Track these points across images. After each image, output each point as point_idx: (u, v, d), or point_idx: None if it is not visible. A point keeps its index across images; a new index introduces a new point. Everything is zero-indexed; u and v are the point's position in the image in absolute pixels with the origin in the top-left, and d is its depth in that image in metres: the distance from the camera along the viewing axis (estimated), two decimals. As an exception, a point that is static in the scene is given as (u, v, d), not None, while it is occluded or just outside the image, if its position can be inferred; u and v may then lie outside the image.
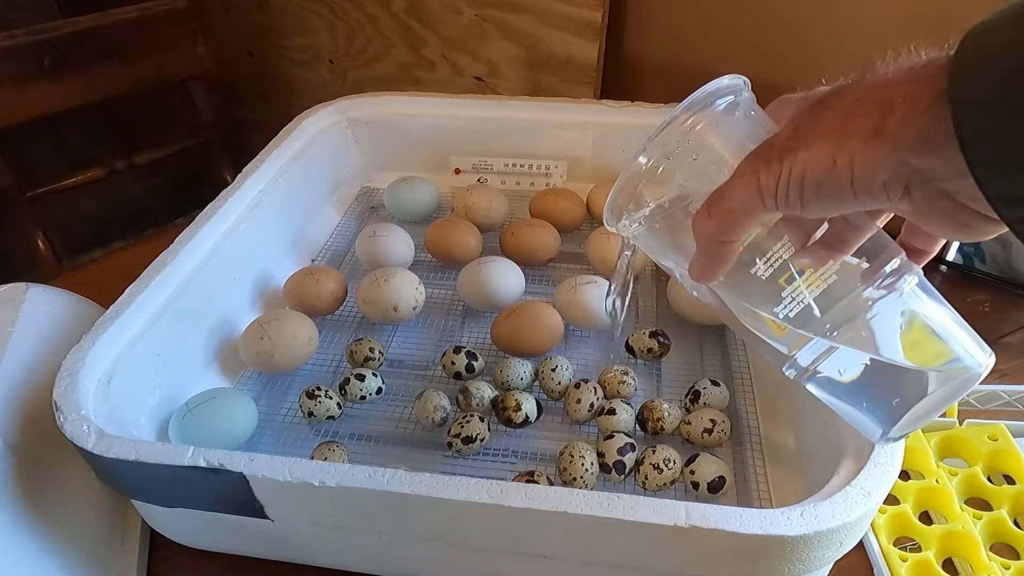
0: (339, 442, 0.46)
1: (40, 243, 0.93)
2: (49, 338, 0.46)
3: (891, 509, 0.44)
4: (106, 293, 0.46)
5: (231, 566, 0.43)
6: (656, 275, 0.61)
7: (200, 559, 0.43)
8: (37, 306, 0.48)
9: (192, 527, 0.42)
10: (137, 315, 0.45)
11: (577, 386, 0.47)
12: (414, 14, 0.98)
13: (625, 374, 0.48)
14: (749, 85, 0.30)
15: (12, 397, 0.42)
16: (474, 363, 0.50)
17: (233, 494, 0.35)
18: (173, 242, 0.50)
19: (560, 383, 0.48)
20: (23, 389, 0.43)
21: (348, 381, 0.48)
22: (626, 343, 0.52)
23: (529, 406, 0.46)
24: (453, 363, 0.50)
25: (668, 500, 0.32)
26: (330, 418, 0.48)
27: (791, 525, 0.31)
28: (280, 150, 0.63)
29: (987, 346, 0.27)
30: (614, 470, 0.42)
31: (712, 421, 0.45)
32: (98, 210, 1.23)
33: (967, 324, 0.28)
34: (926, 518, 0.45)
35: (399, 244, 0.61)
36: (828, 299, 0.28)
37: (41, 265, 0.93)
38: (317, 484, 0.33)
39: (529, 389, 0.49)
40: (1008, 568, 0.41)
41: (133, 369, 0.44)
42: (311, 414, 0.47)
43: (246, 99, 1.32)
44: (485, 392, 0.47)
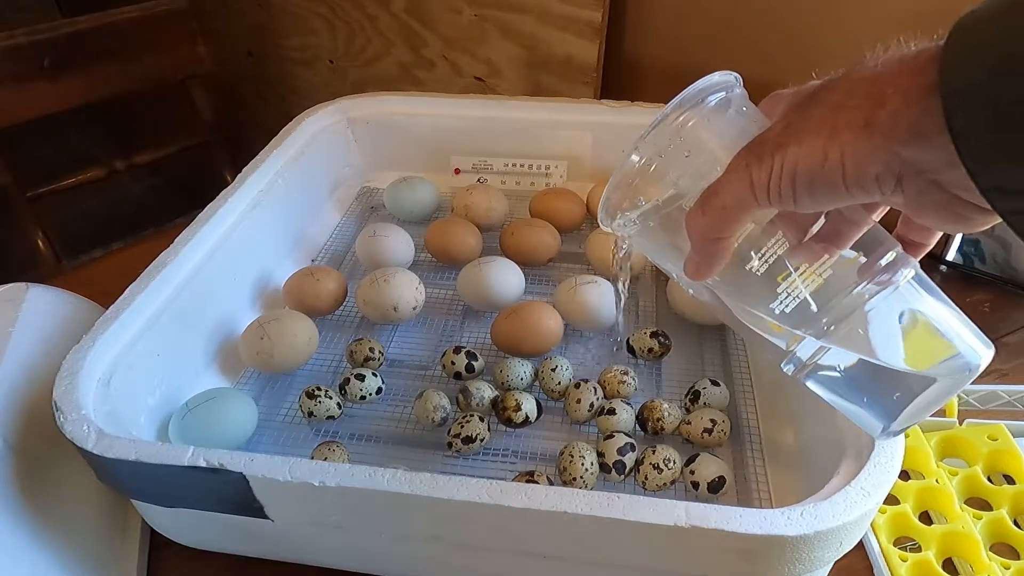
0: (339, 442, 0.46)
1: (40, 243, 0.93)
2: (49, 338, 0.46)
3: (891, 509, 0.44)
4: (106, 293, 0.46)
5: (231, 566, 0.43)
6: (656, 275, 0.61)
7: (200, 559, 0.43)
8: (37, 306, 0.48)
9: (192, 527, 0.42)
10: (137, 315, 0.45)
11: (577, 386, 0.47)
12: (414, 14, 0.98)
13: (625, 374, 0.48)
14: (741, 81, 0.30)
15: (12, 397, 0.42)
16: (474, 363, 0.50)
17: (233, 494, 0.35)
18: (173, 242, 0.50)
19: (560, 383, 0.48)
20: (23, 389, 0.43)
21: (348, 381, 0.48)
22: (627, 343, 0.53)
23: (529, 406, 0.46)
24: (453, 363, 0.50)
25: (668, 500, 0.32)
26: (330, 418, 0.48)
27: (791, 525, 0.31)
28: (280, 150, 0.63)
29: (986, 338, 0.27)
30: (614, 470, 0.42)
31: (712, 421, 0.45)
32: (98, 210, 1.23)
33: (966, 317, 0.28)
34: (926, 518, 0.45)
35: (399, 244, 0.61)
36: (824, 294, 0.28)
37: (41, 265, 0.94)
38: (317, 484, 0.33)
39: (529, 389, 0.49)
40: (1008, 568, 0.41)
41: (133, 369, 0.44)
42: (311, 414, 0.47)
43: (246, 99, 1.32)
44: (485, 392, 0.47)
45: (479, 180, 0.74)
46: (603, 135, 0.70)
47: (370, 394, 0.49)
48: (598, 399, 0.47)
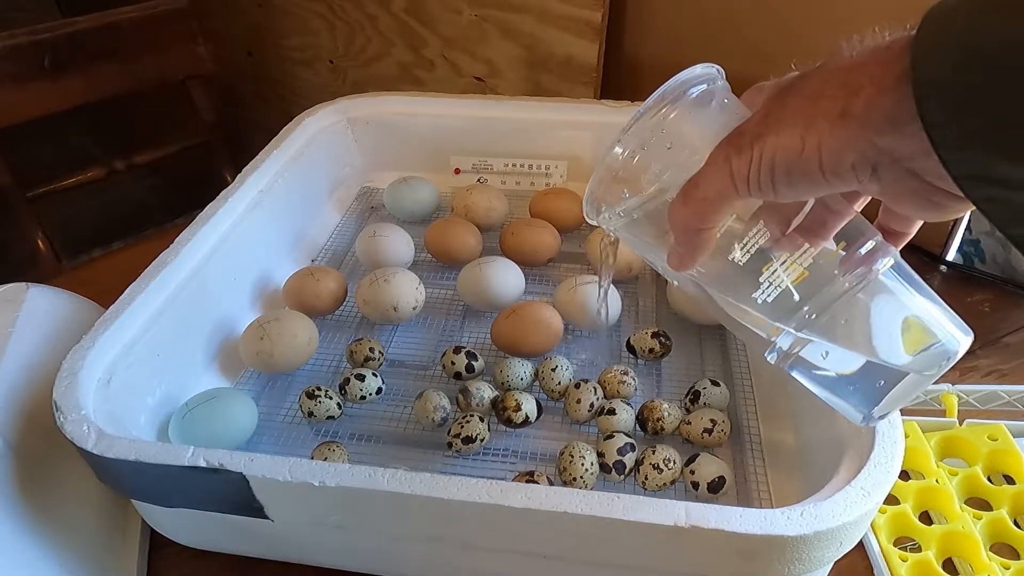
0: (339, 442, 0.46)
1: (40, 243, 0.93)
2: (49, 338, 0.46)
3: (891, 509, 0.44)
4: (106, 293, 0.46)
5: (231, 566, 0.43)
6: (656, 275, 0.61)
7: (200, 559, 0.43)
8: (37, 306, 0.48)
9: (192, 527, 0.42)
10: (137, 315, 0.45)
11: (577, 386, 0.47)
12: (414, 14, 0.98)
13: (625, 374, 0.48)
14: (723, 74, 0.30)
15: (12, 397, 0.42)
16: (474, 363, 0.50)
17: (233, 494, 0.35)
18: (173, 242, 0.50)
19: (560, 383, 0.48)
20: (23, 389, 0.43)
21: (348, 381, 0.48)
22: (627, 343, 0.53)
23: (529, 406, 0.46)
24: (453, 363, 0.50)
25: (668, 500, 0.32)
26: (330, 418, 0.48)
27: (791, 525, 0.31)
28: (280, 150, 0.63)
29: (965, 324, 0.27)
30: (614, 470, 0.42)
31: (712, 421, 0.45)
32: (98, 210, 1.23)
33: (944, 304, 0.28)
34: (926, 518, 0.45)
35: (399, 244, 0.61)
36: (806, 284, 0.28)
37: (41, 265, 0.93)
38: (317, 484, 0.33)
39: (529, 389, 0.49)
40: (1008, 568, 0.41)
41: (133, 369, 0.44)
42: (311, 414, 0.47)
43: (246, 99, 1.32)
44: (485, 392, 0.47)
45: (479, 180, 0.74)
46: (603, 135, 0.70)
47: (370, 394, 0.49)
48: (598, 399, 0.47)
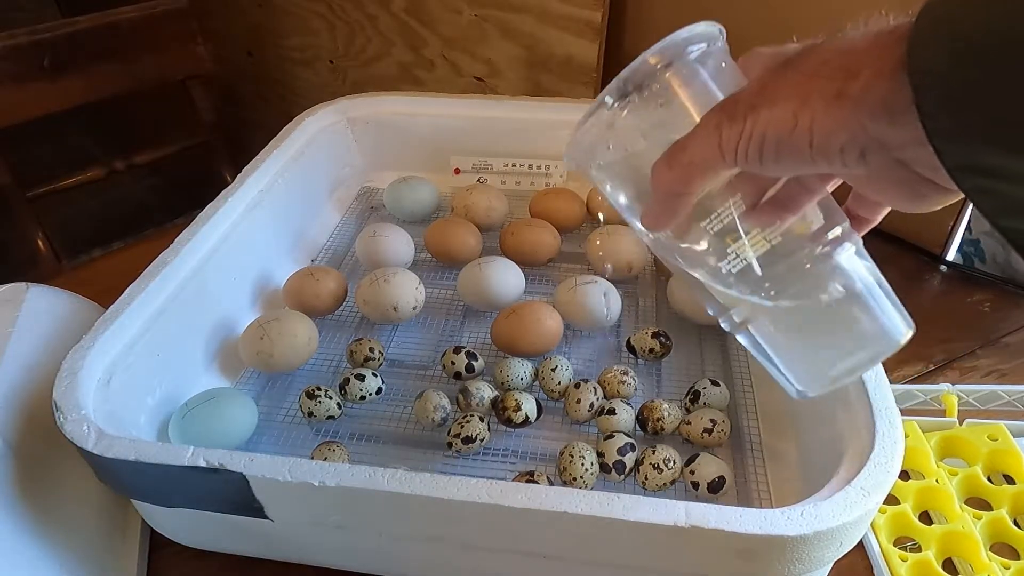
0: (339, 442, 0.46)
1: (40, 243, 0.93)
2: (49, 338, 0.46)
3: (891, 509, 0.44)
4: (106, 293, 0.46)
5: (231, 566, 0.43)
6: (656, 275, 0.61)
7: (200, 559, 0.43)
8: (37, 306, 0.48)
9: (192, 527, 0.42)
10: (137, 315, 0.45)
11: (577, 386, 0.47)
12: (414, 14, 0.98)
13: (625, 374, 0.48)
14: (725, 34, 0.29)
15: (12, 397, 0.42)
16: (474, 363, 0.50)
17: (233, 494, 0.35)
18: (173, 242, 0.50)
19: (560, 383, 0.48)
20: (23, 389, 0.43)
21: (348, 381, 0.48)
22: (627, 343, 0.53)
23: (529, 406, 0.46)
24: (453, 363, 0.50)
25: (668, 500, 0.32)
26: (330, 418, 0.48)
27: (791, 525, 0.31)
28: (280, 150, 0.63)
29: (908, 316, 0.28)
30: (614, 470, 0.42)
31: (712, 421, 0.45)
32: (98, 210, 1.23)
33: (893, 293, 0.28)
34: (926, 518, 0.45)
35: (399, 244, 0.61)
36: (769, 259, 0.28)
37: (41, 265, 0.94)
38: (317, 484, 0.33)
39: (529, 389, 0.49)
40: (1008, 568, 0.41)
41: (133, 369, 0.44)
42: (311, 414, 0.47)
43: (246, 99, 1.32)
44: (485, 392, 0.47)
45: (479, 180, 0.74)
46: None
47: (370, 394, 0.49)
48: (598, 399, 0.47)
